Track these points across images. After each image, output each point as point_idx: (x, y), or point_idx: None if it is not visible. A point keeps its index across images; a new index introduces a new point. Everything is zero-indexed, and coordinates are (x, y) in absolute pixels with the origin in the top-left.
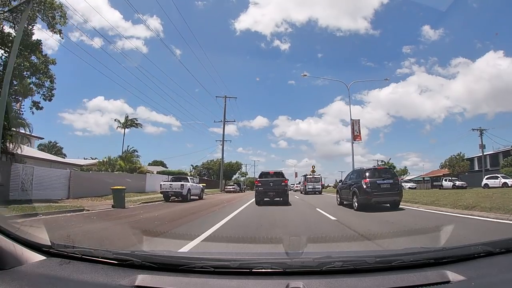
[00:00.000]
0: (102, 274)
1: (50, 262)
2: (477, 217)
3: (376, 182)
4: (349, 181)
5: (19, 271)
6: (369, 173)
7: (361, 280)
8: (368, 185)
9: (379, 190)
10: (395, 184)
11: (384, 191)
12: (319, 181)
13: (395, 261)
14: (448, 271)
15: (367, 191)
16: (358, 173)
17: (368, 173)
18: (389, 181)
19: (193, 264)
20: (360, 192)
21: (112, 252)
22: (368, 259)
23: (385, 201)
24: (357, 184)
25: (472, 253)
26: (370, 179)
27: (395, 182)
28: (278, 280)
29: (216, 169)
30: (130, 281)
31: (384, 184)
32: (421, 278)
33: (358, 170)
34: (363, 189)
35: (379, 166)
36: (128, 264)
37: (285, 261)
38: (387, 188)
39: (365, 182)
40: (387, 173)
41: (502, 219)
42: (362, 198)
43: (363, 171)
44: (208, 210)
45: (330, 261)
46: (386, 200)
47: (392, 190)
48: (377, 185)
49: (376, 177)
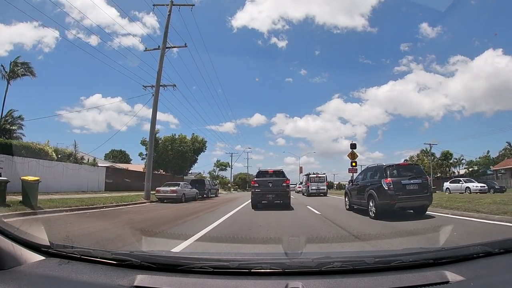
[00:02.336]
0: (101, 274)
1: (49, 262)
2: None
3: (401, 182)
4: (362, 181)
5: (18, 271)
6: (391, 170)
7: (360, 280)
8: (391, 186)
9: (405, 192)
10: (424, 184)
11: (411, 193)
12: (324, 181)
13: (394, 261)
14: (447, 272)
15: (389, 194)
16: (376, 171)
17: (390, 170)
18: (416, 180)
19: (192, 264)
20: (380, 194)
21: (111, 252)
22: (367, 259)
23: (411, 206)
24: (374, 184)
25: (471, 253)
26: (393, 179)
27: (424, 182)
28: (277, 280)
29: (161, 149)
30: (129, 281)
31: (411, 184)
32: (420, 278)
33: (375, 167)
34: (384, 191)
35: (403, 162)
36: (127, 264)
37: (284, 261)
38: (415, 190)
39: (386, 182)
40: (413, 170)
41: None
42: (382, 202)
43: (384, 168)
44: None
45: (329, 261)
46: (412, 205)
47: (420, 192)
48: (402, 186)
49: (401, 176)
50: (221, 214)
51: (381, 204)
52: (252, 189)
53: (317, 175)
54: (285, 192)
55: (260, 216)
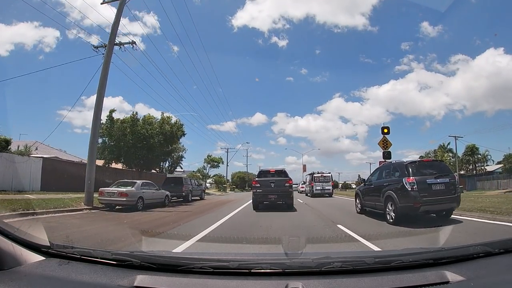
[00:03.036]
0: (101, 275)
1: (49, 262)
2: None
3: (426, 181)
4: (377, 181)
5: (18, 271)
6: (414, 168)
7: (360, 280)
8: (415, 186)
9: (430, 193)
10: (452, 184)
11: (437, 194)
12: (329, 180)
13: (394, 262)
14: (447, 272)
15: (413, 195)
16: (395, 169)
17: (412, 168)
18: (443, 179)
19: (192, 265)
20: (401, 196)
21: (111, 253)
22: (367, 259)
23: (438, 209)
24: (394, 185)
25: (471, 253)
26: (417, 177)
27: (451, 182)
28: (277, 281)
29: (117, 133)
30: (129, 281)
31: (437, 184)
32: (420, 279)
33: (394, 165)
34: (406, 192)
35: (427, 158)
36: (127, 265)
37: (284, 261)
38: (441, 191)
39: (409, 181)
40: (438, 168)
41: None
42: (404, 205)
43: (405, 165)
44: None
45: (329, 262)
46: (439, 209)
47: (447, 193)
48: (427, 186)
49: (425, 174)
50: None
51: (402, 208)
52: (254, 189)
53: (322, 175)
54: (288, 192)
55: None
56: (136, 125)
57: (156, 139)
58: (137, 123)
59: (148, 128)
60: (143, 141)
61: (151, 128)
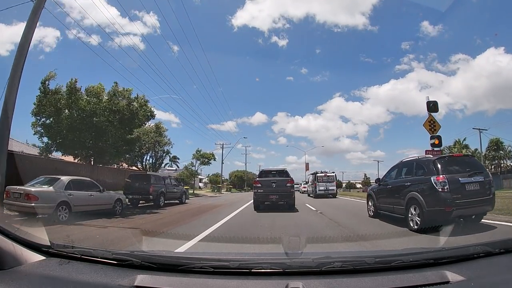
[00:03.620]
0: (102, 274)
1: (50, 262)
2: None
3: (459, 180)
4: (395, 180)
5: (19, 271)
6: (444, 164)
7: (361, 280)
8: (446, 186)
9: (464, 194)
10: (487, 183)
11: (472, 196)
12: (333, 180)
13: (394, 261)
14: (447, 271)
15: (444, 197)
16: (419, 166)
17: (442, 164)
18: (477, 178)
19: (193, 264)
20: (429, 198)
21: (111, 252)
22: (368, 259)
23: (471, 213)
24: (418, 184)
25: (471, 253)
26: (449, 176)
27: (486, 180)
28: (277, 280)
29: (54, 107)
30: (130, 281)
31: (471, 183)
32: (421, 278)
33: (417, 161)
34: (436, 194)
35: (457, 153)
36: (128, 264)
37: (284, 261)
38: (476, 191)
39: (439, 180)
40: (471, 164)
41: None
42: (433, 210)
43: (433, 162)
44: None
45: (330, 261)
46: (473, 213)
47: (482, 194)
48: (460, 185)
49: (457, 172)
50: None
51: (430, 212)
52: (255, 190)
53: (325, 174)
54: (290, 192)
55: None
56: (75, 98)
57: (105, 118)
58: (77, 94)
59: (93, 102)
60: (84, 120)
61: (95, 102)
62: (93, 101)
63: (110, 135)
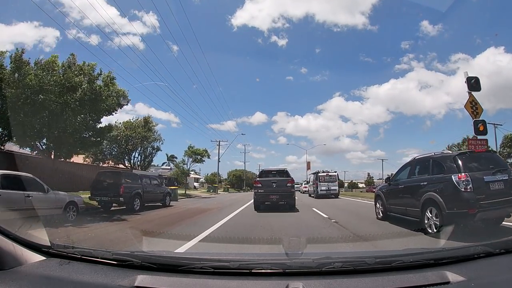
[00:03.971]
0: (102, 275)
1: (50, 262)
2: None
3: (483, 178)
4: (408, 179)
5: (19, 271)
6: (465, 161)
7: (361, 280)
8: (469, 185)
9: (488, 195)
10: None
11: (496, 196)
12: (335, 180)
13: (395, 262)
14: (447, 272)
15: (467, 198)
16: (436, 163)
17: (464, 161)
18: (502, 176)
19: (193, 265)
20: (449, 199)
21: (111, 253)
22: (368, 259)
23: (496, 216)
24: (437, 184)
25: (471, 253)
26: (471, 174)
27: (510, 179)
28: (277, 281)
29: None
30: (130, 281)
31: (496, 182)
32: (421, 279)
33: (434, 158)
34: (457, 194)
35: (479, 149)
36: (128, 265)
37: (284, 261)
38: (500, 191)
39: (462, 179)
40: (494, 161)
41: None
42: (455, 212)
43: (453, 158)
44: None
45: (330, 262)
46: (498, 215)
47: (507, 194)
48: (484, 185)
49: (480, 170)
50: None
51: (451, 215)
52: (255, 190)
53: (327, 174)
54: (290, 192)
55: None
56: (22, 72)
57: (55, 97)
58: (25, 69)
59: (40, 76)
60: (28, 99)
61: (43, 75)
62: (41, 75)
63: (68, 122)
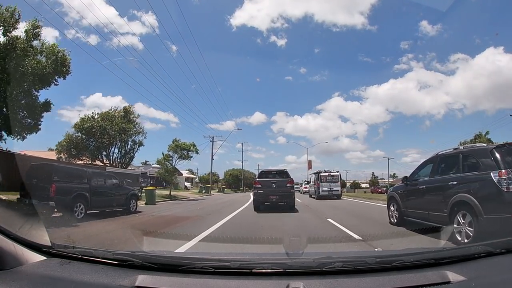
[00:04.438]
0: (102, 275)
1: (50, 262)
2: None
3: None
4: (431, 179)
5: (19, 271)
6: (504, 154)
7: (362, 280)
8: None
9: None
10: None
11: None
12: (337, 180)
13: (395, 262)
14: (448, 272)
15: (509, 200)
16: (469, 158)
17: (504, 155)
18: None
19: (193, 265)
20: (487, 201)
21: (112, 253)
22: (369, 259)
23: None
24: (469, 183)
25: (472, 253)
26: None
27: None
28: (278, 281)
29: None
30: (130, 281)
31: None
32: (422, 279)
33: (465, 152)
34: (500, 195)
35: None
36: (128, 265)
37: (285, 261)
38: None
39: (502, 176)
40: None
41: None
42: (494, 217)
43: (490, 151)
44: None
45: (330, 262)
46: None
47: None
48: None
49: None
50: None
51: (490, 221)
52: (255, 190)
53: (329, 174)
54: (290, 193)
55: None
56: None
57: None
58: None
59: None
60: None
61: None
62: None
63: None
